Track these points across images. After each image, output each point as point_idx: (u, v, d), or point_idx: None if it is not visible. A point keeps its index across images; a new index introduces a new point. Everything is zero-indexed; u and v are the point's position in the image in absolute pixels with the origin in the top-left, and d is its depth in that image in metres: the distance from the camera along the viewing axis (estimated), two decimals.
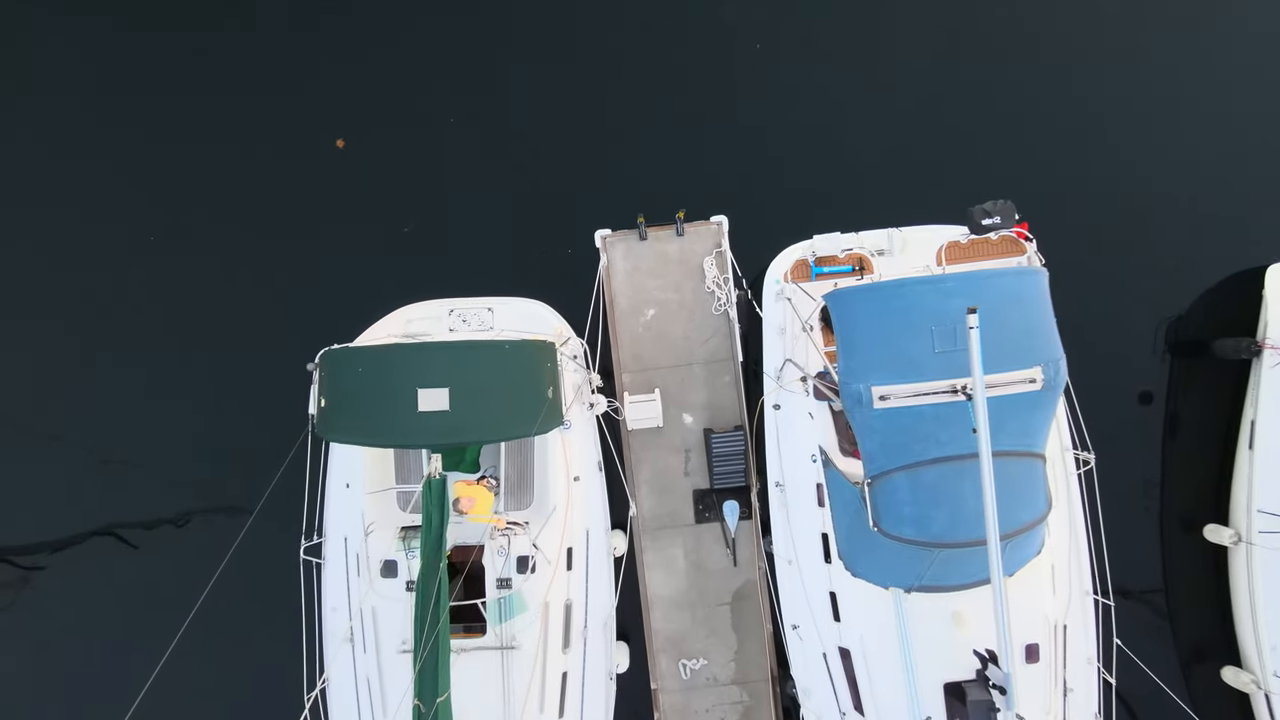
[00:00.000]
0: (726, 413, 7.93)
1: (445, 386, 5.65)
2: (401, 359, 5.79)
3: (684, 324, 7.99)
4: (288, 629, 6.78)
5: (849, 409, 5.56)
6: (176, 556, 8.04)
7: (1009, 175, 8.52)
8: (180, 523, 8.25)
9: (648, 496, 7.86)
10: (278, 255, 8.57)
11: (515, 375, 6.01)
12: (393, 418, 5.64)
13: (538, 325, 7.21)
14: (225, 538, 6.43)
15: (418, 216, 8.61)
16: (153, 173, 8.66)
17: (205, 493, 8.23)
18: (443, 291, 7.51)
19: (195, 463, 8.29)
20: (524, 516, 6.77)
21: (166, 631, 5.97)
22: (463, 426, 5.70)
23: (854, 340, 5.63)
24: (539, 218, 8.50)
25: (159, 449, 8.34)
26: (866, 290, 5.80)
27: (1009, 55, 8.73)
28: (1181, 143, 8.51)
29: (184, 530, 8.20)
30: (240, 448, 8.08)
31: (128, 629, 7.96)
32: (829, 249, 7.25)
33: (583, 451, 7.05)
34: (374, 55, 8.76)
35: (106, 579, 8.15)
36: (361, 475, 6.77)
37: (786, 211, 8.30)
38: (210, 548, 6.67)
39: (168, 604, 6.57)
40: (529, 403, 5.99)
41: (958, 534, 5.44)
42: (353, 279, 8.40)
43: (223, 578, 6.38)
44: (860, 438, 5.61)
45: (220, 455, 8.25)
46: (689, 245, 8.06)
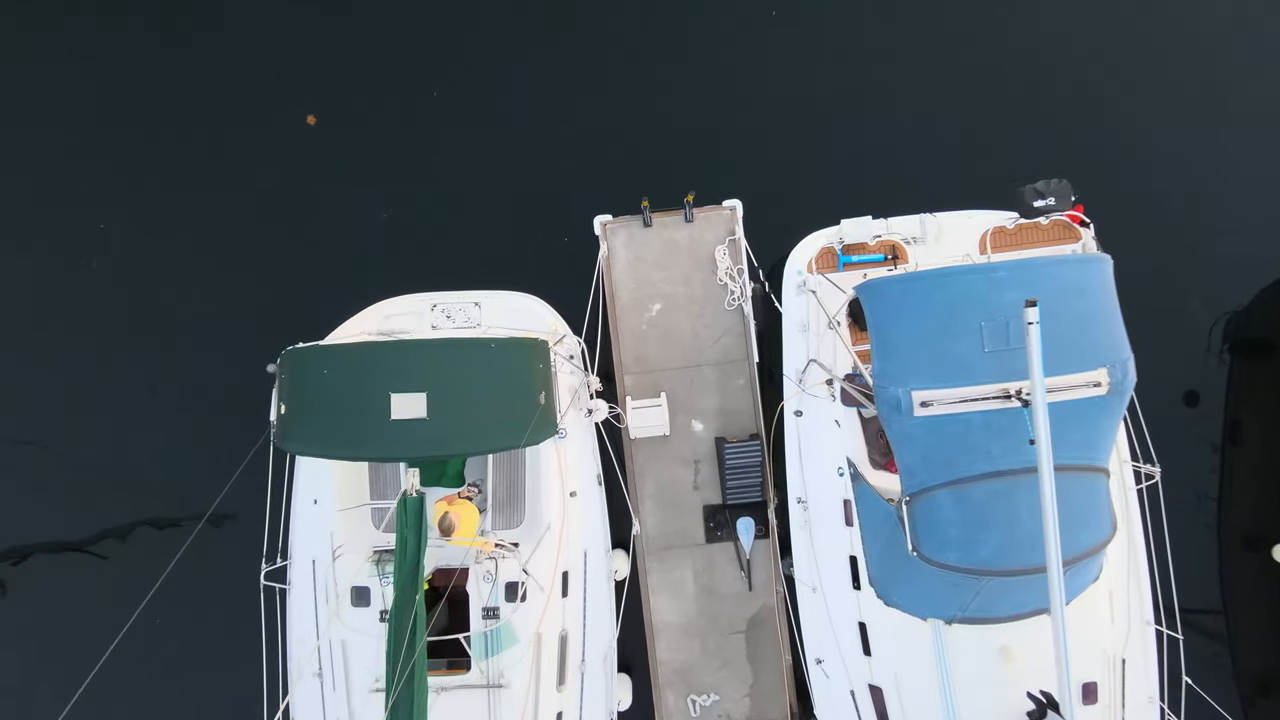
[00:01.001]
0: (741, 420, 7.72)
1: (422, 391, 5.33)
2: (372, 359, 5.46)
3: (693, 320, 7.77)
4: (249, 663, 6.52)
5: (885, 417, 5.21)
6: (111, 578, 7.77)
7: (1050, 158, 8.20)
8: (122, 537, 7.99)
9: (653, 513, 7.65)
10: (241, 245, 8.36)
11: (503, 378, 5.72)
12: (361, 426, 5.32)
13: (530, 322, 6.95)
14: (167, 560, 6.05)
15: (397, 201, 8.40)
16: (103, 155, 8.47)
17: (151, 507, 7.97)
18: (424, 285, 7.27)
19: (143, 474, 8.04)
20: (513, 537, 6.47)
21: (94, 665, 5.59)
22: (442, 436, 5.39)
23: (890, 338, 5.29)
24: (531, 202, 8.31)
25: (104, 456, 8.11)
26: (905, 280, 5.45)
27: (1056, 21, 8.50)
28: (1243, 126, 8.35)
29: (124, 549, 7.94)
30: (197, 458, 7.81)
31: (48, 659, 7.71)
32: (858, 235, 6.92)
33: (580, 463, 6.78)
34: (348, 21, 8.62)
35: (33, 602, 7.92)
36: (331, 490, 6.46)
37: (807, 195, 8.15)
38: (151, 569, 6.27)
39: (96, 632, 6.15)
40: (518, 409, 5.68)
41: (1010, 560, 5.09)
42: (324, 271, 8.21)
43: (179, 606, 6.21)
44: (897, 449, 5.26)
45: (175, 466, 7.99)
46: (699, 232, 7.83)
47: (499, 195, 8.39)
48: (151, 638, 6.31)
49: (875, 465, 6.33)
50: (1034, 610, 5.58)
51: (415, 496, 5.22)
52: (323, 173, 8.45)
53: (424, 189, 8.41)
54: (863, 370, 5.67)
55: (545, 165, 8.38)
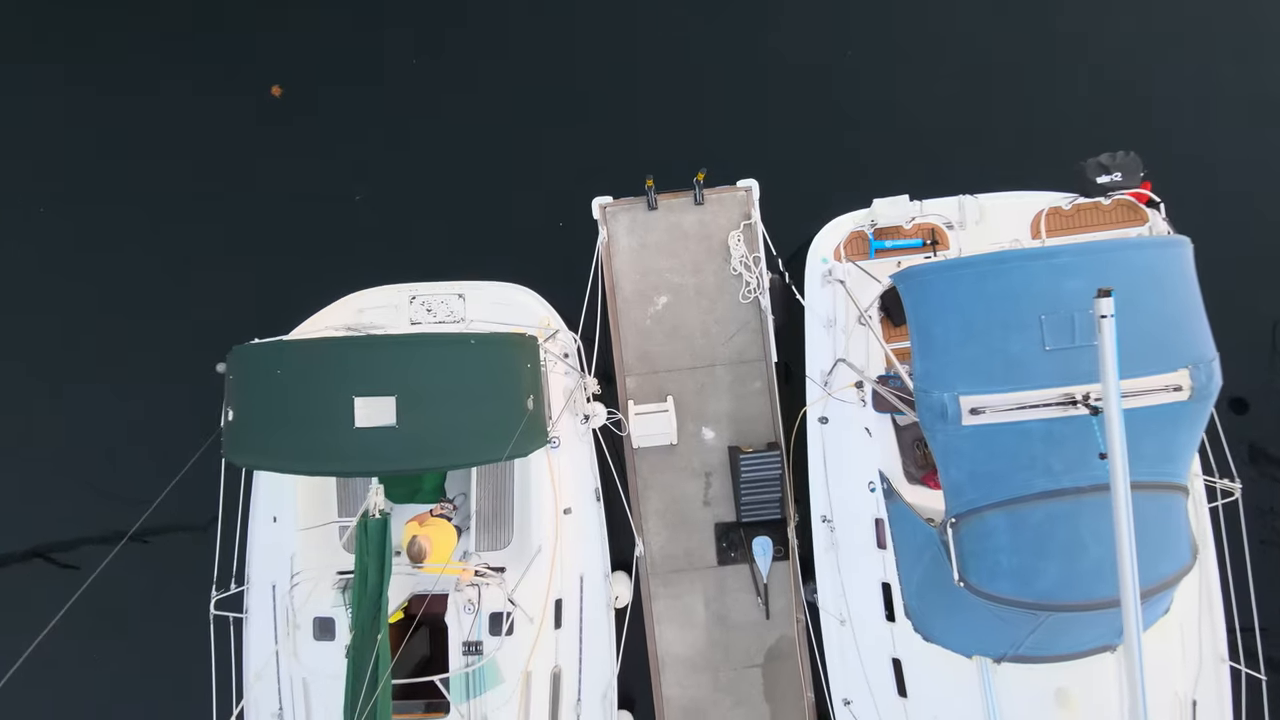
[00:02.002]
0: (757, 427, 7.54)
1: (390, 395, 5.02)
2: (333, 358, 5.16)
3: (704, 315, 7.63)
4: (197, 703, 6.27)
5: (928, 426, 4.94)
6: (18, 601, 7.38)
7: (1105, 134, 7.80)
8: (49, 556, 7.73)
9: (658, 532, 7.49)
10: (196, 230, 8.15)
11: (484, 379, 5.43)
12: (319, 436, 5.03)
13: (520, 315, 6.78)
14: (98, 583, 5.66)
15: (371, 181, 8.19)
16: (39, 131, 8.23)
17: (89, 522, 7.65)
18: (402, 275, 7.13)
19: (87, 484, 7.79)
20: (500, 560, 6.26)
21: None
22: (413, 447, 5.08)
23: (934, 334, 5.01)
24: (523, 182, 8.12)
25: (41, 464, 7.88)
26: (952, 267, 5.18)
27: None
28: None
29: (40, 569, 7.65)
30: (143, 470, 7.41)
31: None
32: (893, 217, 6.64)
33: (575, 476, 6.59)
34: None
35: None
36: (293, 506, 6.24)
37: (832, 174, 7.93)
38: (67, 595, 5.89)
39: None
40: (502, 416, 5.39)
41: (1074, 592, 4.82)
42: (290, 260, 8.02)
43: (120, 639, 5.99)
44: (942, 463, 4.99)
45: (123, 477, 7.69)
46: (710, 216, 7.67)
47: (486, 174, 8.20)
48: (89, 673, 6.03)
49: (912, 480, 6.12)
50: (1097, 647, 5.34)
51: (378, 518, 4.92)
52: (289, 149, 8.23)
53: (402, 168, 8.21)
54: (900, 371, 5.36)
55: (538, 141, 8.19)
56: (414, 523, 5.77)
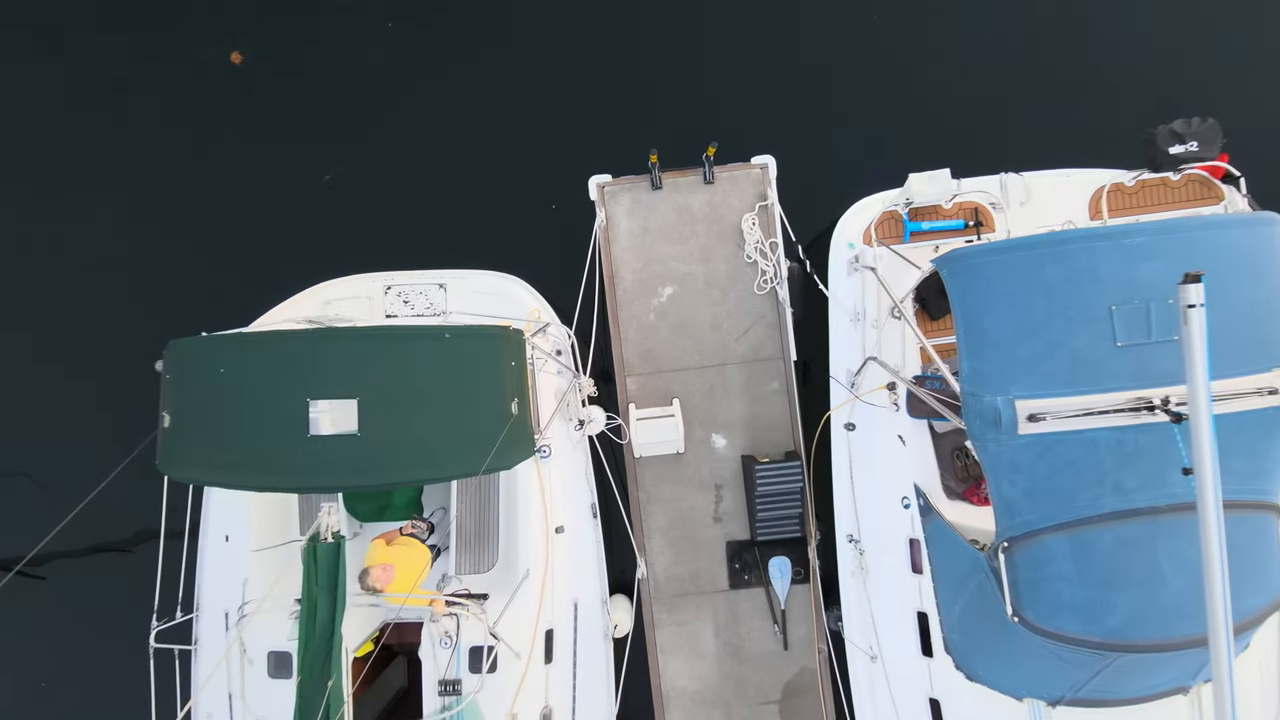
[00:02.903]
0: (775, 434, 7.41)
1: (351, 397, 4.71)
2: (284, 354, 4.82)
3: (714, 307, 7.48)
4: None
5: (977, 435, 4.67)
6: None
7: (1171, 100, 7.46)
8: None
9: (663, 551, 7.35)
10: (147, 212, 7.95)
11: (461, 379, 5.10)
12: (268, 446, 4.71)
13: (508, 307, 6.63)
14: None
15: (342, 159, 8.03)
16: None
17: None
18: (376, 263, 7.01)
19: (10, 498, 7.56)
20: (482, 585, 6.00)
21: None
22: (378, 459, 4.76)
23: (984, 328, 4.74)
24: (510, 159, 7.96)
25: None
26: (1005, 250, 4.83)
27: None
28: None
29: None
30: (81, 478, 6.91)
31: None
32: (931, 195, 6.37)
33: (568, 490, 6.42)
34: None
35: None
36: (247, 523, 6.01)
37: (857, 149, 7.74)
38: None
39: None
40: (481, 422, 5.07)
41: (1149, 630, 4.54)
42: (252, 247, 7.88)
43: (49, 679, 5.80)
44: (993, 478, 4.71)
45: (59, 486, 7.44)
46: (721, 196, 7.52)
47: (470, 151, 8.06)
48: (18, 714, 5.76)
49: (951, 495, 5.90)
50: (1169, 690, 5.10)
51: (329, 542, 4.56)
52: (249, 124, 8.07)
53: (375, 144, 8.07)
54: (943, 371, 5.07)
55: (528, 113, 8.04)
56: (380, 542, 5.49)
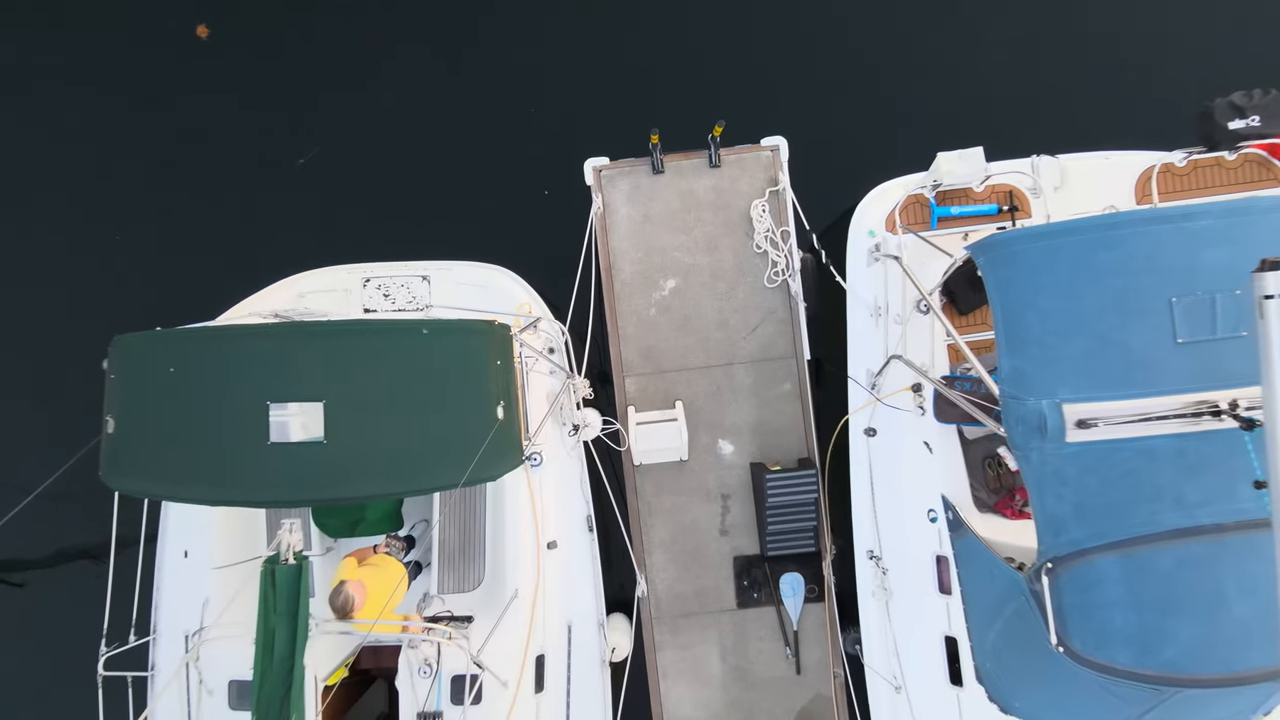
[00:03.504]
0: (786, 440, 7.29)
1: (317, 400, 4.44)
2: (242, 351, 4.55)
3: (720, 302, 7.34)
4: None
5: (1019, 443, 4.46)
6: None
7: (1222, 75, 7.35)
8: None
9: (665, 568, 7.23)
10: (108, 197, 7.82)
11: (440, 379, 4.87)
12: (222, 453, 4.44)
13: (495, 300, 6.48)
14: None
15: (319, 140, 7.90)
16: None
17: None
18: (354, 254, 6.88)
19: None
20: (466, 605, 5.80)
21: None
22: (346, 469, 4.48)
23: (1027, 323, 4.53)
24: (500, 141, 7.86)
25: None
26: (1051, 235, 4.62)
27: None
28: None
29: None
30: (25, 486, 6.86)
31: None
32: (963, 175, 6.10)
33: (562, 502, 6.27)
34: None
35: None
36: (208, 537, 5.80)
37: (876, 130, 7.60)
38: None
39: None
40: (463, 427, 4.82)
41: (1211, 662, 4.33)
42: (220, 235, 7.76)
43: None
44: (1036, 491, 4.49)
45: None
46: (729, 181, 7.37)
47: (456, 132, 7.94)
48: None
49: (983, 507, 5.71)
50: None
51: (291, 564, 4.27)
52: (217, 102, 7.92)
53: (354, 124, 7.94)
54: (979, 370, 4.81)
55: (519, 89, 7.92)
56: (351, 560, 5.26)
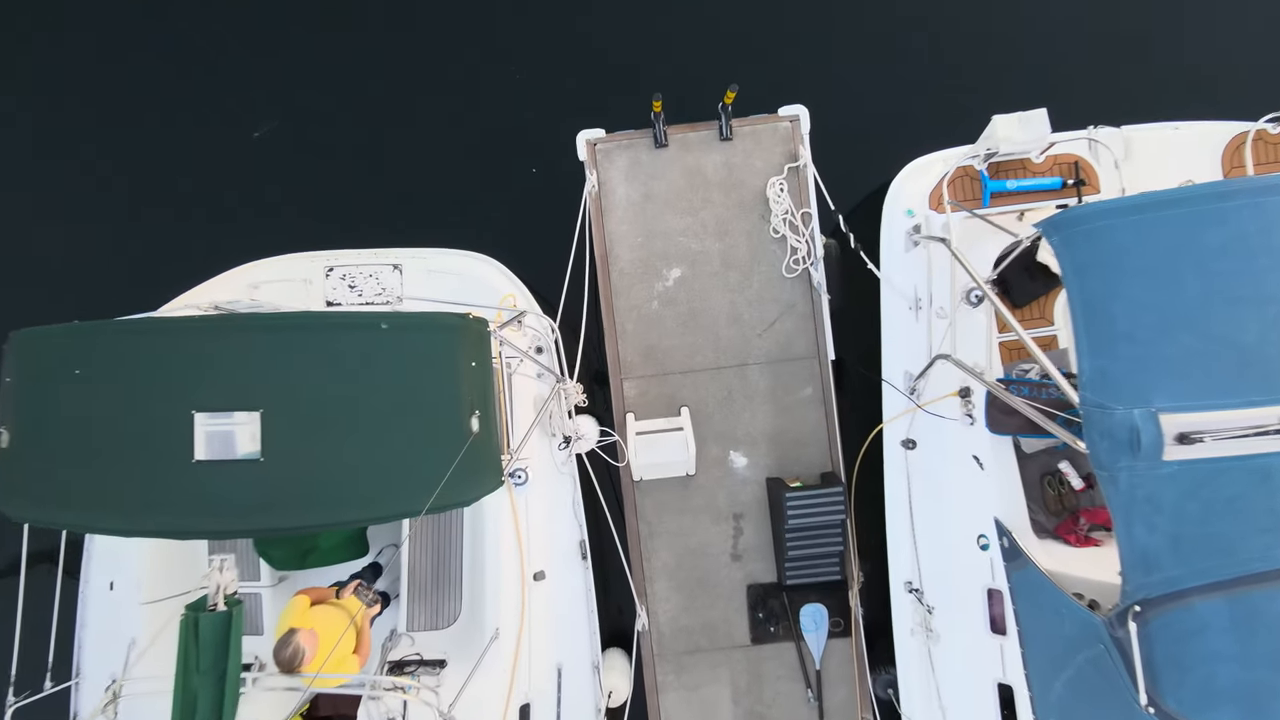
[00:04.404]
0: (808, 452, 7.04)
1: (253, 409, 4.01)
2: (162, 350, 4.10)
3: (732, 294, 7.07)
4: None
5: (1104, 461, 4.04)
6: None
7: None
8: None
9: (668, 597, 7.00)
10: (37, 171, 7.65)
11: (403, 385, 4.42)
12: (137, 474, 4.01)
13: (476, 292, 6.19)
14: None
15: (278, 109, 7.68)
16: None
17: None
18: (317, 240, 6.69)
19: None
20: (439, 646, 5.59)
21: None
22: (287, 494, 4.05)
23: (1113, 315, 4.15)
24: (482, 111, 7.64)
25: None
26: (1144, 208, 4.21)
27: None
28: None
29: None
30: None
31: None
32: (1021, 143, 5.71)
33: (551, 525, 6.03)
34: None
35: None
36: (136, 566, 5.51)
37: (909, 98, 7.32)
38: None
39: None
40: (428, 442, 4.39)
41: None
42: (164, 216, 7.52)
43: None
44: (1124, 518, 4.12)
45: None
46: (742, 156, 7.08)
47: (432, 101, 7.70)
48: None
49: (1041, 532, 5.44)
50: None
51: (219, 611, 3.83)
52: (161, 66, 7.67)
53: (317, 92, 7.70)
54: (1052, 373, 4.37)
55: (502, 53, 7.70)
56: (301, 600, 4.77)
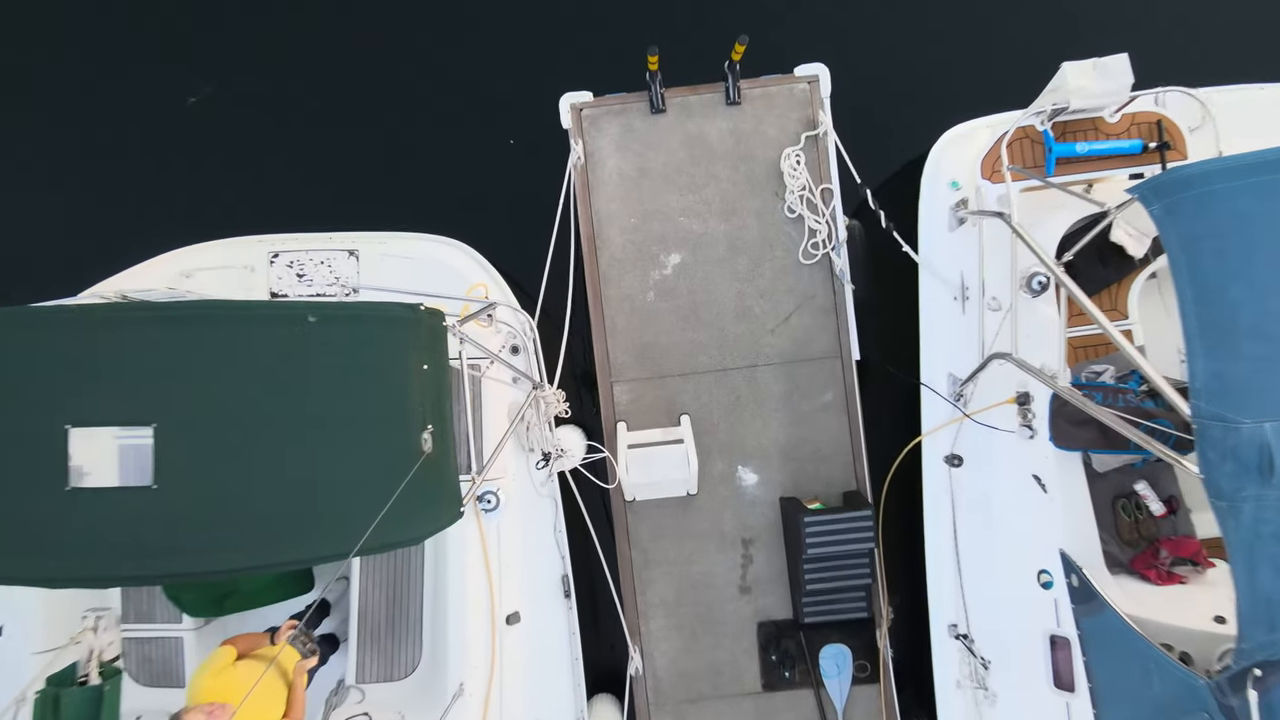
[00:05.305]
0: (829, 468, 6.68)
1: (145, 423, 3.44)
2: (27, 348, 3.60)
3: (740, 284, 6.70)
4: None
5: (1224, 486, 3.58)
6: None
7: None
8: None
9: (667, 637, 6.63)
10: None
11: (334, 393, 3.82)
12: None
13: (444, 281, 5.97)
14: None
15: (216, 73, 7.43)
16: None
17: None
18: (261, 222, 6.44)
19: None
20: (393, 700, 5.30)
21: None
22: (186, 531, 3.53)
23: (1235, 302, 3.65)
24: (451, 73, 7.41)
25: None
26: (1275, 164, 3.67)
27: None
28: None
29: None
30: None
31: None
32: (1098, 96, 5.21)
33: (527, 558, 5.73)
34: None
35: None
36: (31, 609, 5.18)
37: (946, 57, 7.01)
38: None
39: None
40: (367, 464, 3.82)
41: None
42: (84, 194, 7.34)
43: None
44: (1244, 556, 3.69)
45: None
46: (752, 122, 6.71)
47: (394, 63, 7.44)
48: None
49: (1114, 566, 5.06)
50: None
51: (87, 685, 3.60)
52: (89, 25, 7.45)
53: (262, 52, 7.47)
54: (1152, 377, 3.88)
55: (476, 4, 7.51)
56: (226, 650, 4.21)
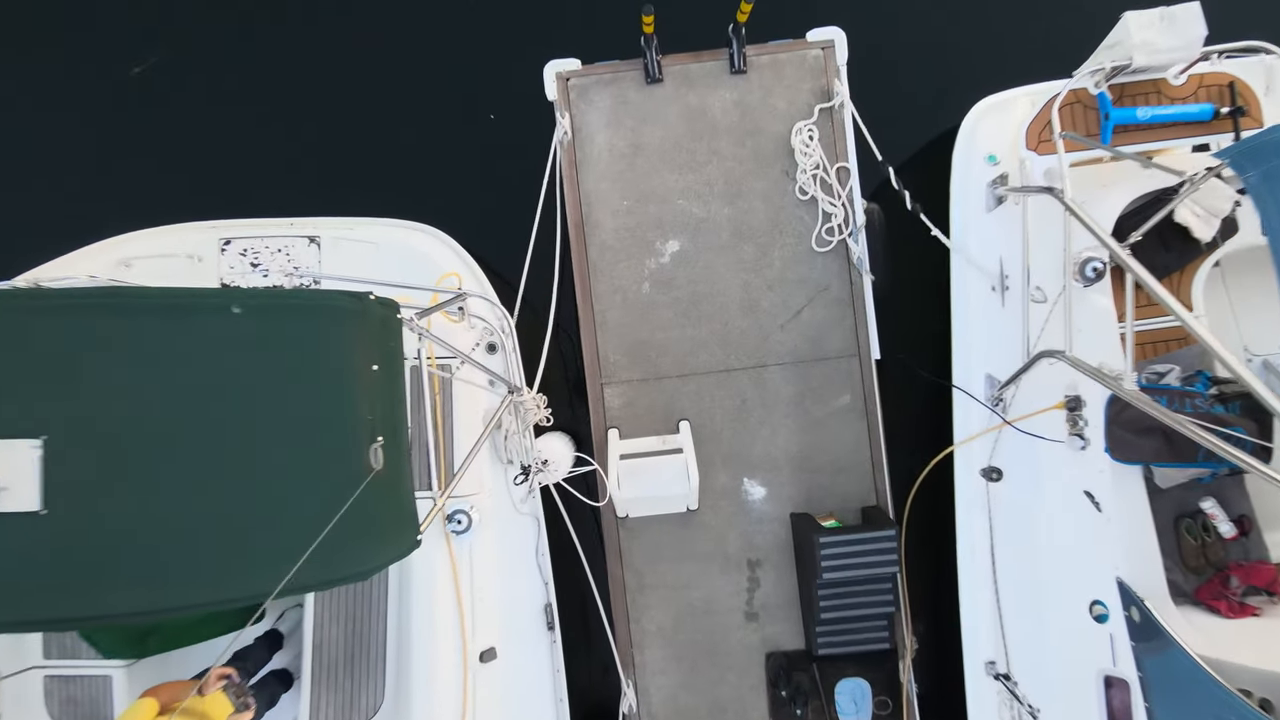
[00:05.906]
0: (845, 481, 6.42)
1: (33, 435, 3.17)
2: None
3: (746, 274, 6.44)
4: None
5: None
6: None
7: None
8: None
9: (664, 669, 6.37)
10: None
11: (263, 399, 3.48)
12: None
13: (416, 270, 5.82)
14: None
15: (164, 41, 7.20)
16: None
17: None
18: (212, 207, 6.22)
19: None
20: None
21: None
22: (82, 566, 3.24)
23: None
24: (425, 41, 7.19)
25: None
26: None
27: None
28: None
29: None
30: None
31: None
32: (1165, 53, 4.97)
33: (505, 585, 5.53)
34: None
35: None
36: None
37: (975, 19, 6.77)
38: None
39: None
40: (302, 485, 3.48)
41: None
42: (23, 174, 7.11)
43: None
44: None
45: None
46: (759, 94, 6.44)
47: (362, 30, 7.19)
48: None
49: (1177, 596, 4.82)
50: None
51: None
52: None
53: (213, 21, 7.22)
54: (1242, 375, 3.55)
55: None
56: (146, 704, 3.85)
